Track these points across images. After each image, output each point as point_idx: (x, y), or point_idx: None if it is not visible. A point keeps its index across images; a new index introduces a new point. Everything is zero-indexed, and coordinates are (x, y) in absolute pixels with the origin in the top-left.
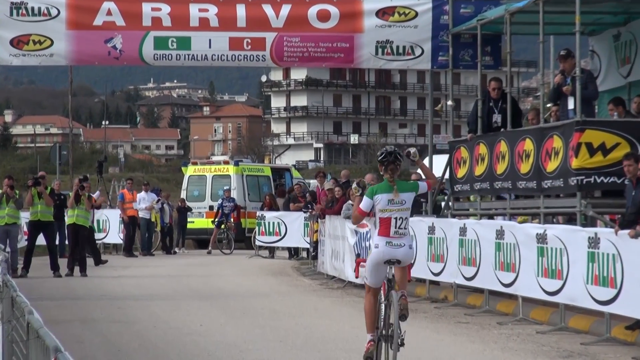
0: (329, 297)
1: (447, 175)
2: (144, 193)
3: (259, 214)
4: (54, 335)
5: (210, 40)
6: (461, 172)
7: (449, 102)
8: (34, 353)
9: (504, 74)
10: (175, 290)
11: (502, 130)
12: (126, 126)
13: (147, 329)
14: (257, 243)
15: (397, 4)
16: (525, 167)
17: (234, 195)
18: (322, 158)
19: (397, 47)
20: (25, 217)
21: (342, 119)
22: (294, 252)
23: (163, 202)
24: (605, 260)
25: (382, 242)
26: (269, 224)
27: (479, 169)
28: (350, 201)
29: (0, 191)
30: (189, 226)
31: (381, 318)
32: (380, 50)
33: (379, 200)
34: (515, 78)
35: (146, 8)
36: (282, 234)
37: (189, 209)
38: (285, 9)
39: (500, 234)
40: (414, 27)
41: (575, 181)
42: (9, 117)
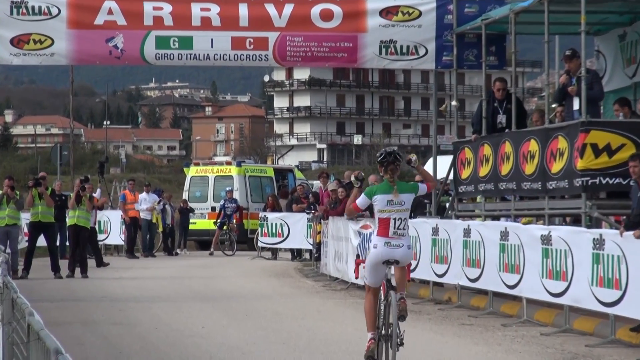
0: (332, 299)
1: (451, 176)
2: (145, 194)
3: (261, 215)
4: (55, 337)
5: (212, 39)
6: (465, 173)
7: (453, 103)
8: (34, 355)
9: (508, 74)
10: (177, 292)
11: (507, 131)
12: (127, 126)
13: (148, 331)
14: (260, 244)
15: (400, 4)
16: (530, 168)
17: (236, 196)
18: (325, 159)
19: (401, 46)
20: (25, 218)
21: (345, 119)
22: (296, 254)
23: (165, 203)
24: (610, 262)
25: (380, 243)
26: (271, 225)
27: (484, 170)
28: None
29: (0, 192)
30: (191, 227)
31: (381, 318)
32: (383, 50)
33: (377, 201)
34: (520, 78)
35: (147, 7)
36: (285, 235)
37: (191, 210)
38: (288, 9)
39: (504, 235)
40: (417, 27)
41: (580, 182)
42: (9, 117)
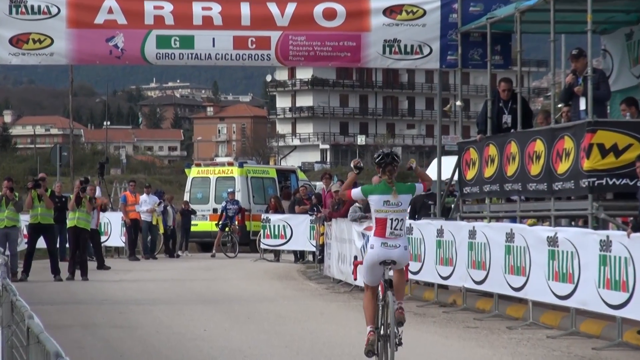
0: (335, 302)
1: (456, 177)
2: (145, 195)
3: (264, 216)
4: (55, 340)
5: (213, 39)
6: (470, 174)
7: (458, 103)
8: (34, 358)
9: (514, 73)
10: (178, 294)
11: (512, 131)
12: (128, 127)
13: (149, 334)
14: (262, 246)
15: (405, 2)
16: (535, 169)
17: (238, 197)
18: (328, 159)
19: (405, 46)
20: (25, 219)
21: (348, 119)
22: (299, 256)
23: (166, 204)
24: (617, 264)
25: (377, 243)
26: (274, 226)
27: (489, 171)
28: (357, 204)
29: None
30: (192, 229)
31: (379, 318)
32: (387, 49)
33: (373, 201)
34: (525, 78)
35: (148, 6)
36: (288, 237)
37: (192, 212)
38: (291, 7)
39: (510, 236)
40: (422, 26)
41: (586, 183)
42: (8, 117)
